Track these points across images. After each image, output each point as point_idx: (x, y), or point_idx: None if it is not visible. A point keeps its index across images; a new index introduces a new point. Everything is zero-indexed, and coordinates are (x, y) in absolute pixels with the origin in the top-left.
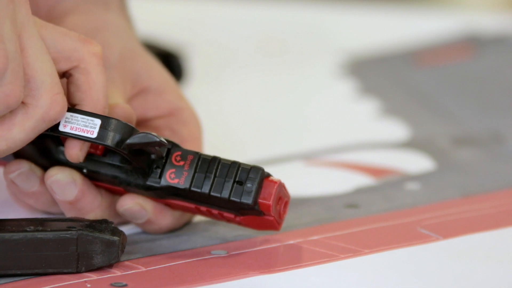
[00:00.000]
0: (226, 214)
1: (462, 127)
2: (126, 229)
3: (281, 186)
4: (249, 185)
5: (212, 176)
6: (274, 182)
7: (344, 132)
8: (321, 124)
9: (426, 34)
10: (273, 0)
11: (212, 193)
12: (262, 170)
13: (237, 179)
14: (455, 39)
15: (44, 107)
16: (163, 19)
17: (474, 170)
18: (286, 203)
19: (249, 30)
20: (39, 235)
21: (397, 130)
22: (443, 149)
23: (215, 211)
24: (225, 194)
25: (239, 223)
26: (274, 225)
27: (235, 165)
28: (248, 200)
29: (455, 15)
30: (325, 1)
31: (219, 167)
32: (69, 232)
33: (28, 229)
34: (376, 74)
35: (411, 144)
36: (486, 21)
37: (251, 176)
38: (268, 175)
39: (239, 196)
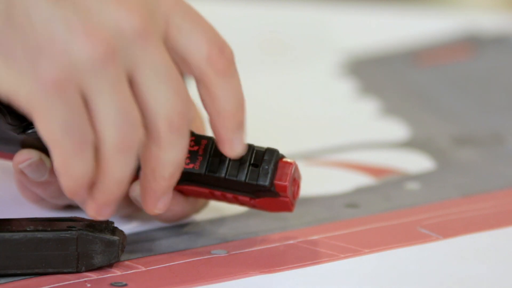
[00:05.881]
0: (241, 198)
1: (462, 127)
2: (126, 229)
3: (296, 167)
4: (265, 167)
5: (227, 159)
6: (290, 163)
7: (344, 132)
8: (321, 124)
9: (426, 34)
10: (273, 0)
11: (227, 177)
12: (277, 151)
13: (252, 162)
14: (455, 39)
15: None
16: None
17: (474, 170)
18: (299, 185)
19: (249, 30)
20: (39, 234)
21: (397, 130)
22: (443, 149)
23: (229, 195)
24: (241, 177)
25: (254, 206)
26: (288, 207)
27: (249, 147)
28: (264, 182)
29: (455, 15)
30: (325, 1)
31: None
32: (69, 231)
33: (28, 229)
34: (376, 74)
35: (411, 144)
36: (486, 21)
37: (266, 158)
38: (283, 156)
39: (255, 179)
